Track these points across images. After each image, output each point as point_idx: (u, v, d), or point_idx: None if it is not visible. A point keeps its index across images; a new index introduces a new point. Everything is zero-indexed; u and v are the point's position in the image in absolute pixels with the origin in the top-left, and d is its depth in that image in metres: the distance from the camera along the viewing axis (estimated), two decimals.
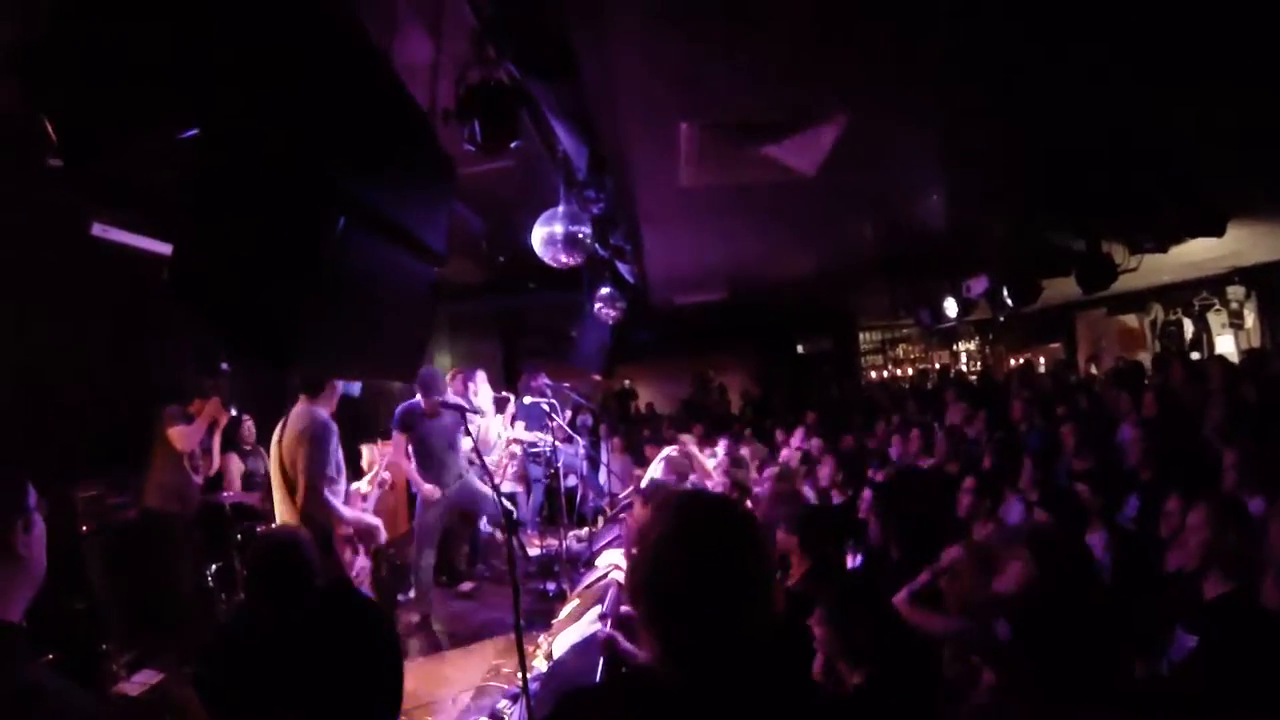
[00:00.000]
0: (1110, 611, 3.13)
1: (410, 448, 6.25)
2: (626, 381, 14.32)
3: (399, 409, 6.13)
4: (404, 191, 2.25)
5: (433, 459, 6.23)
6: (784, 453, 7.42)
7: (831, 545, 4.40)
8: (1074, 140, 4.64)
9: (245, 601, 4.37)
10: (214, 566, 5.75)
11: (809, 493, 5.87)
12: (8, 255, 4.59)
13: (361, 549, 4.40)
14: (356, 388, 6.87)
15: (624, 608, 4.11)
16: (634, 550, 1.38)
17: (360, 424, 8.29)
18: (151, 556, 5.25)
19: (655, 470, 5.89)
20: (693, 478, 6.11)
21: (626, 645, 3.48)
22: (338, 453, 4.23)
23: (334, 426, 4.23)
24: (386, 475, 5.73)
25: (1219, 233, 6.05)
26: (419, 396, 6.09)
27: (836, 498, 6.01)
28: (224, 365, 5.84)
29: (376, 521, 4.46)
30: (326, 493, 4.06)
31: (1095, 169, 5.28)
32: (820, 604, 2.76)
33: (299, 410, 4.22)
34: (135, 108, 1.71)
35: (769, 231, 6.94)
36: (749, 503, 5.49)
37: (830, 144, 4.17)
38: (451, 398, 6.25)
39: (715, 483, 5.56)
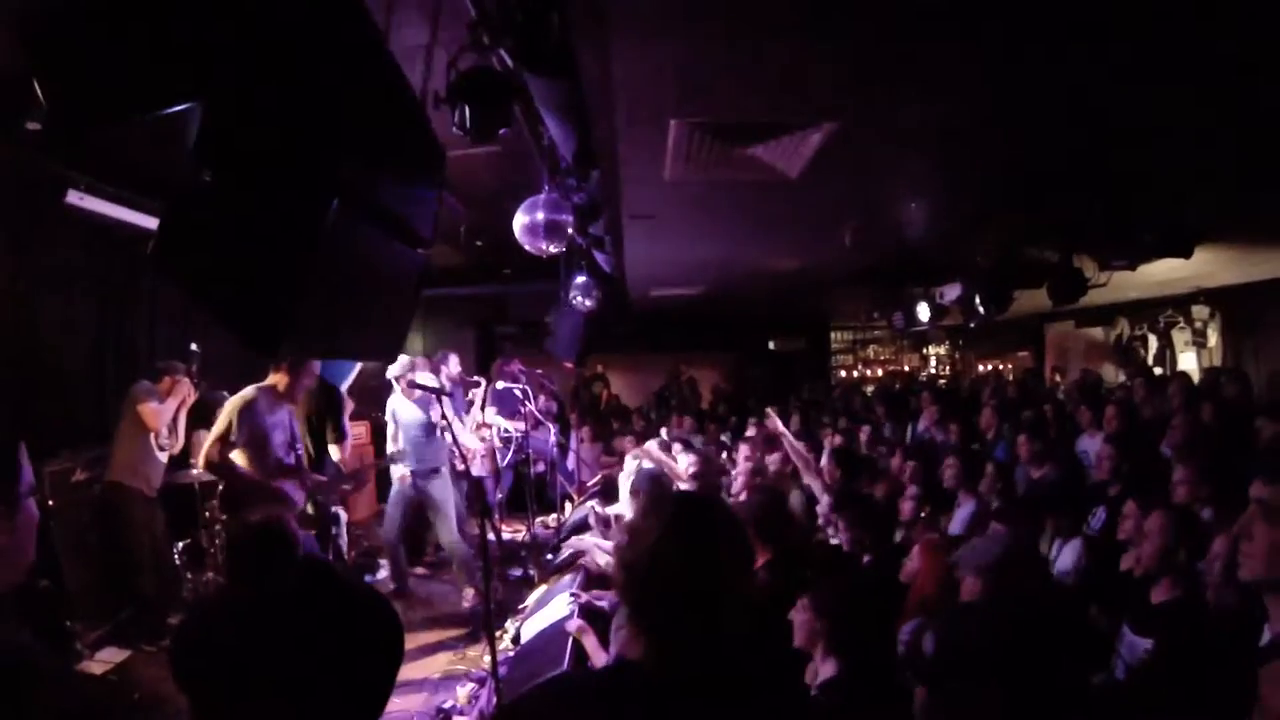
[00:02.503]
0: (1067, 620, 3.23)
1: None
2: (599, 367, 14.32)
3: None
4: (396, 177, 2.25)
5: (406, 439, 6.32)
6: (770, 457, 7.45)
7: (792, 538, 4.48)
8: (1052, 161, 4.73)
9: (226, 582, 4.45)
10: (181, 544, 5.70)
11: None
12: None
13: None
14: (349, 376, 6.89)
15: (586, 596, 4.16)
16: (627, 549, 1.40)
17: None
18: (116, 533, 5.18)
19: (647, 462, 5.91)
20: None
21: (593, 641, 3.54)
22: (256, 428, 4.61)
23: (257, 407, 4.64)
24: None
25: (1186, 255, 6.21)
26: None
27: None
28: (193, 346, 5.74)
29: (289, 492, 4.73)
30: (224, 453, 4.55)
31: (1072, 189, 5.38)
32: (807, 592, 2.84)
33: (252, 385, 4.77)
34: (132, 85, 1.70)
35: (749, 231, 6.98)
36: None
37: (815, 149, 4.22)
38: (424, 379, 6.29)
39: (685, 484, 5.57)
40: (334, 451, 6.05)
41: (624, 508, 5.02)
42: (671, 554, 1.32)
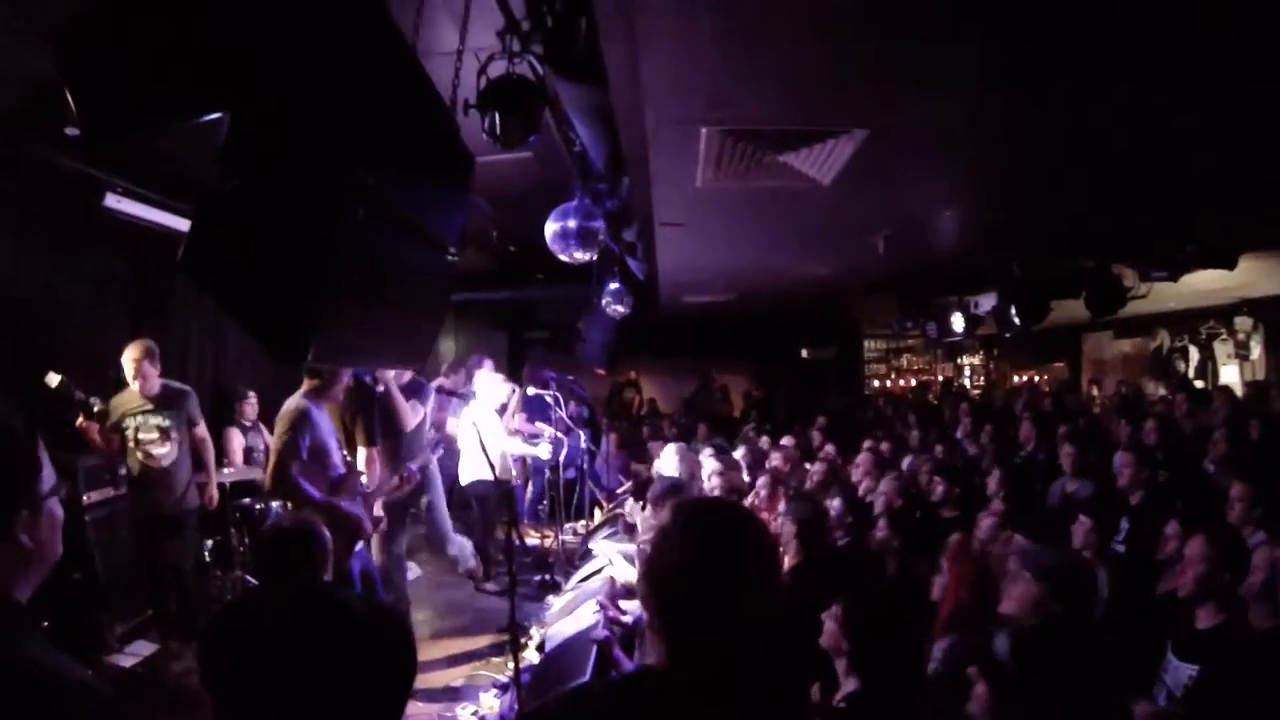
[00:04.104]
0: (1108, 637, 3.14)
1: None
2: (632, 373, 14.30)
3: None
4: (423, 184, 2.25)
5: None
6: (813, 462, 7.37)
7: (826, 547, 4.43)
8: (1089, 168, 4.64)
9: (256, 585, 4.42)
10: (210, 542, 5.75)
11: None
12: (22, 220, 4.63)
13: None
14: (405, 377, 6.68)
15: (612, 613, 4.14)
16: (650, 554, 1.42)
17: None
18: (146, 531, 5.21)
19: (669, 466, 5.87)
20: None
21: (619, 653, 3.51)
22: (316, 440, 4.24)
23: (313, 417, 4.25)
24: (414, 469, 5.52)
25: (1230, 266, 6.05)
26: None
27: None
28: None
29: (359, 512, 4.35)
30: (294, 473, 4.09)
31: (1110, 196, 5.28)
32: (840, 603, 2.81)
33: (295, 394, 4.35)
34: (163, 92, 1.71)
35: (781, 238, 6.93)
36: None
37: (848, 157, 4.17)
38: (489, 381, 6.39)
39: (712, 486, 5.54)
40: (361, 455, 5.48)
41: (648, 515, 4.99)
42: (692, 559, 1.33)
